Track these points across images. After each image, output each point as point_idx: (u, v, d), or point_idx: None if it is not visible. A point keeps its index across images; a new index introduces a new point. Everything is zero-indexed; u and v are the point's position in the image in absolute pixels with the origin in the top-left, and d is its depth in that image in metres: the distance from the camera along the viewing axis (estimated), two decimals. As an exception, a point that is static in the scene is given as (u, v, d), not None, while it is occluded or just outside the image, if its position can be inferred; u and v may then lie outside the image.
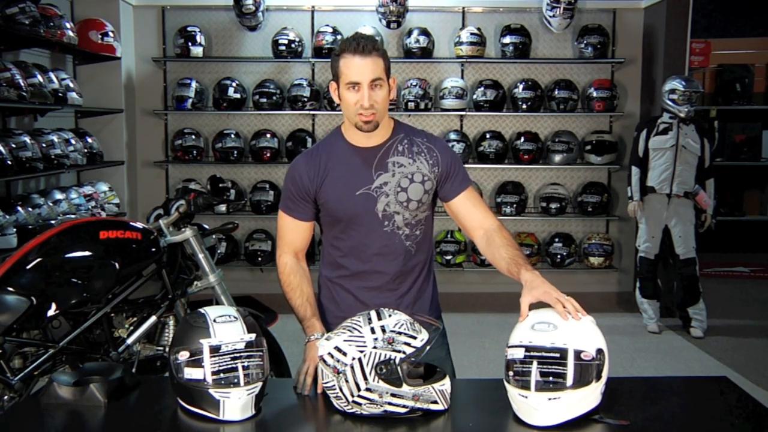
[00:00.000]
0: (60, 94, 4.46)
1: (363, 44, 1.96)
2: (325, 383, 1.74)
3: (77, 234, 2.62)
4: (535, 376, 1.63)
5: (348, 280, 2.15)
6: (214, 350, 1.70)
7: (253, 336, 1.75)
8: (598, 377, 1.65)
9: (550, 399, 1.63)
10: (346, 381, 1.69)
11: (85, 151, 4.78)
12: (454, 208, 2.14)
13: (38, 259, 2.50)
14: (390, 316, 1.74)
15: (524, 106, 5.67)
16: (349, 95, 1.98)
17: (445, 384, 1.75)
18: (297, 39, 5.62)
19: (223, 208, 5.63)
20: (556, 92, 5.68)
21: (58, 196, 4.45)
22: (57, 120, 4.90)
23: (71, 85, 4.72)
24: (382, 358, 1.68)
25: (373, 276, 2.12)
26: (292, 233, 2.14)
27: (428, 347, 1.71)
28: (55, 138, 4.40)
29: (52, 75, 4.47)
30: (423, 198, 2.09)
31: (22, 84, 3.95)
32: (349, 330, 1.73)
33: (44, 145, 4.26)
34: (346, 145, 2.09)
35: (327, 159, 2.09)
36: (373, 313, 1.75)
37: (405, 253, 2.12)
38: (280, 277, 2.14)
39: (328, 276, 2.20)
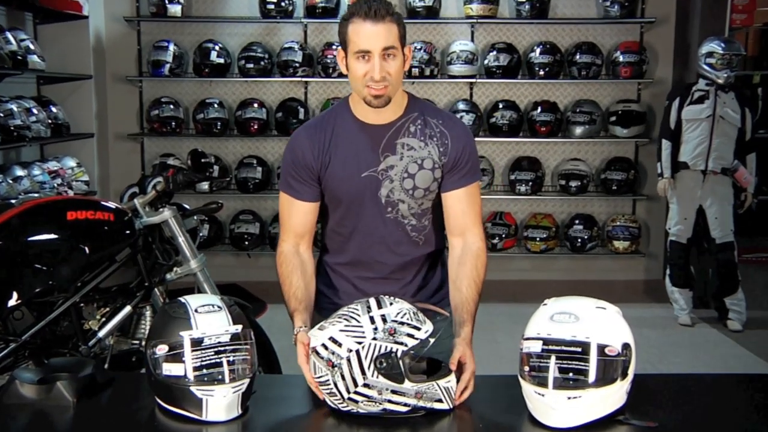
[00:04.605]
0: (19, 57, 4.44)
1: (375, 8, 1.91)
2: (318, 378, 1.75)
3: (41, 215, 2.63)
4: (553, 372, 1.64)
5: (348, 268, 2.17)
6: (196, 343, 1.71)
7: (239, 328, 1.75)
8: (624, 375, 1.66)
9: (569, 398, 1.64)
10: (342, 376, 1.69)
11: (49, 122, 4.77)
12: (445, 202, 2.12)
13: (-2, 243, 2.50)
14: (391, 304, 1.75)
15: (541, 72, 5.64)
16: (358, 65, 1.95)
17: (451, 381, 1.76)
18: (287, -4, 5.59)
19: (205, 186, 5.63)
20: (578, 56, 5.65)
21: (19, 172, 4.44)
22: (16, 87, 4.88)
23: (32, 47, 4.69)
24: (382, 351, 1.68)
25: (374, 266, 2.14)
26: (295, 217, 2.12)
27: (433, 340, 1.72)
28: (14, 107, 4.38)
29: (9, 35, 4.44)
30: (431, 186, 2.09)
31: (-24, 46, 3.94)
32: (345, 319, 1.73)
33: (2, 114, 4.25)
34: (354, 120, 2.08)
35: (332, 134, 2.07)
36: (372, 301, 1.76)
37: (411, 244, 2.13)
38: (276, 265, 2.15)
39: (327, 261, 2.22)
